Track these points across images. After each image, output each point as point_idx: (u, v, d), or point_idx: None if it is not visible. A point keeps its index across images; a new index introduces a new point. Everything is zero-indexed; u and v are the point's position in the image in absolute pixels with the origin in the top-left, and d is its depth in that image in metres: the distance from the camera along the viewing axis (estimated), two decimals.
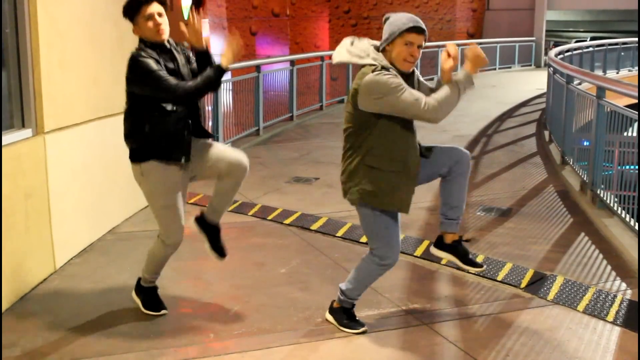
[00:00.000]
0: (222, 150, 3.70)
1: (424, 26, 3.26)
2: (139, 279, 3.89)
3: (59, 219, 4.45)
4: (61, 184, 4.48)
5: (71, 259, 4.68)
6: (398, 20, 3.24)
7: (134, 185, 3.70)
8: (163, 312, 3.81)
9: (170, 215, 3.62)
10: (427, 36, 3.28)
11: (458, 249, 3.59)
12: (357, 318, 3.66)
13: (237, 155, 3.70)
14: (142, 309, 3.84)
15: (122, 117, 3.57)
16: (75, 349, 3.43)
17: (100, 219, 5.18)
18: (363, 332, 3.58)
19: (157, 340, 3.52)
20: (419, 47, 3.26)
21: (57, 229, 4.43)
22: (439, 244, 3.64)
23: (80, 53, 4.75)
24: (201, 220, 3.82)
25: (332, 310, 3.71)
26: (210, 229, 3.82)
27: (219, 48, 23.60)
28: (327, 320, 3.71)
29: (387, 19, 3.30)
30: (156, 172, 3.54)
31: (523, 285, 4.21)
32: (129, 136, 3.55)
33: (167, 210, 3.61)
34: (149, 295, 3.85)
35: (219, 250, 3.84)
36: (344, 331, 3.59)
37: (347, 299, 3.64)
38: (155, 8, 3.42)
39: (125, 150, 3.60)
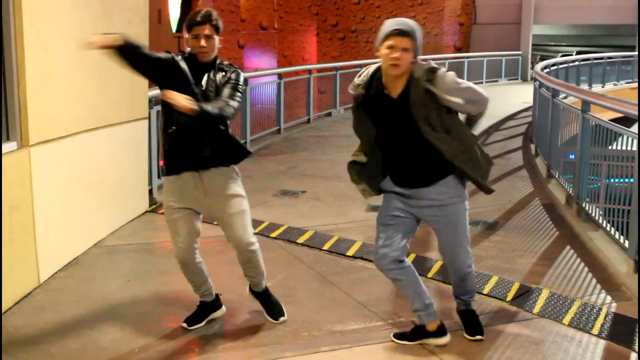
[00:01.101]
0: (232, 219, 3.67)
1: (405, 28, 3.17)
2: None
3: (44, 232, 4.43)
4: (46, 196, 4.46)
5: (56, 272, 4.64)
6: (384, 26, 3.25)
7: (119, 198, 3.69)
8: (193, 327, 3.80)
9: (172, 230, 3.71)
10: (414, 37, 3.19)
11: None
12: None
13: (241, 235, 3.68)
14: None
15: (107, 130, 3.59)
16: None
17: (85, 233, 5.15)
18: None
19: (142, 354, 3.50)
20: (404, 49, 3.16)
21: (42, 243, 4.41)
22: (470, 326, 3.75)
23: (67, 66, 4.74)
24: (252, 291, 4.00)
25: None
26: (260, 296, 3.97)
27: None
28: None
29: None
30: (166, 184, 3.73)
31: (509, 298, 4.22)
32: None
33: (169, 224, 3.72)
34: (195, 308, 3.90)
35: (275, 314, 3.91)
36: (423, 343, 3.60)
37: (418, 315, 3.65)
38: (204, 30, 3.53)
39: (110, 163, 3.59)
